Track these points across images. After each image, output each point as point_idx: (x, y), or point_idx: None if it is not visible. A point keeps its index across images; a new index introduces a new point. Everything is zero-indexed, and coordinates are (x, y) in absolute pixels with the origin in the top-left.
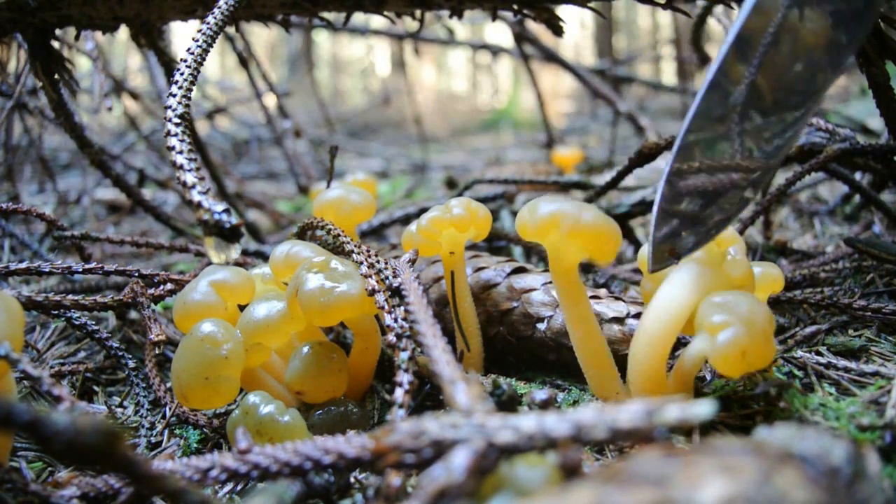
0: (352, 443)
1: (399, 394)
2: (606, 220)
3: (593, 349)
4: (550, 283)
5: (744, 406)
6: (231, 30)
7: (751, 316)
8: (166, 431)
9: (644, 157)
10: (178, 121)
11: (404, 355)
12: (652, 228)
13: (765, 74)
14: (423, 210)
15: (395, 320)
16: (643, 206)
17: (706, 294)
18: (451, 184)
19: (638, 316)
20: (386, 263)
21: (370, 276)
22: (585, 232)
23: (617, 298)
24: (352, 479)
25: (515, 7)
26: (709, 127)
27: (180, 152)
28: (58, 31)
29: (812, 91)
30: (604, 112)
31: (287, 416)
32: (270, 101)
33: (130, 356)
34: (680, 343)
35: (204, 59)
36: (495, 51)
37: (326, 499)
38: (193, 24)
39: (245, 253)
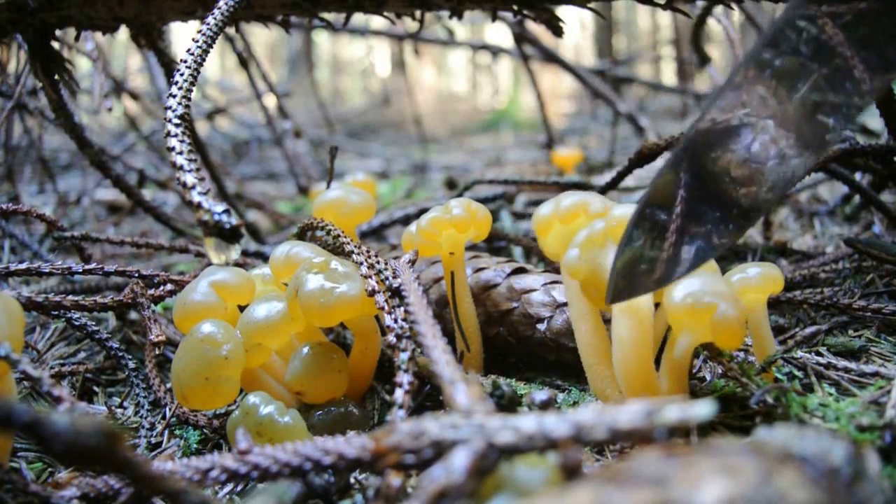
0: (352, 443)
1: (399, 394)
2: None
3: (597, 347)
4: (550, 283)
5: (743, 406)
6: (231, 30)
7: (722, 289)
8: (166, 432)
9: (644, 157)
10: (178, 121)
11: (404, 356)
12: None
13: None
14: (423, 211)
15: (395, 321)
16: None
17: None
18: (450, 184)
19: None
20: (386, 264)
21: (370, 277)
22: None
23: None
24: (352, 480)
25: (515, 7)
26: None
27: (180, 153)
28: (58, 32)
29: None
30: (604, 112)
31: (287, 417)
32: (270, 101)
33: (130, 357)
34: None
35: (204, 60)
36: (495, 51)
37: (326, 499)
38: (193, 25)
39: (245, 254)
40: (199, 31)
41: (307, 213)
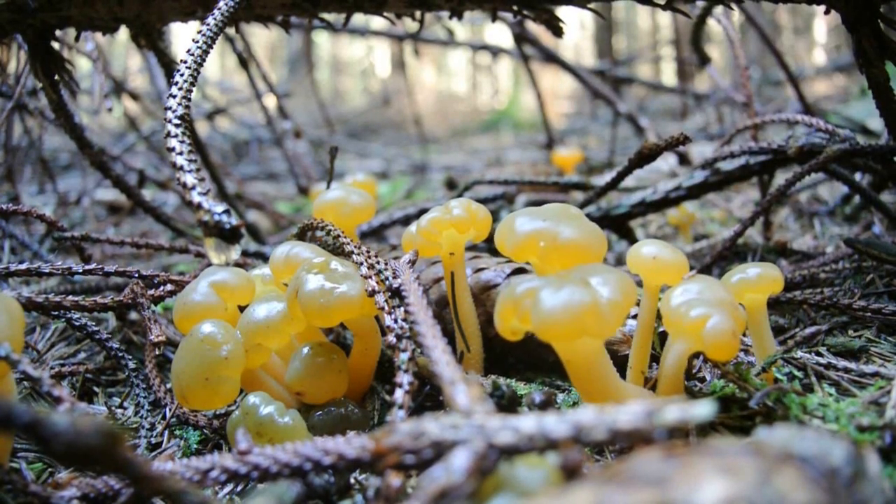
0: (352, 444)
1: (399, 395)
2: (587, 234)
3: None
4: None
5: (743, 407)
6: (231, 31)
7: (719, 297)
8: (166, 432)
9: (644, 157)
10: (178, 122)
11: (404, 356)
12: None
13: None
14: (423, 211)
15: (395, 321)
16: (643, 207)
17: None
18: (451, 184)
19: (636, 317)
20: (386, 264)
21: (370, 277)
22: (564, 251)
23: None
24: (352, 480)
25: (515, 8)
26: None
27: (180, 153)
28: (58, 32)
29: None
30: (604, 113)
31: (287, 417)
32: (270, 101)
33: (130, 357)
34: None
35: (204, 61)
36: (495, 51)
37: (326, 500)
38: (193, 25)
39: (245, 254)
40: (199, 32)
41: (307, 214)
